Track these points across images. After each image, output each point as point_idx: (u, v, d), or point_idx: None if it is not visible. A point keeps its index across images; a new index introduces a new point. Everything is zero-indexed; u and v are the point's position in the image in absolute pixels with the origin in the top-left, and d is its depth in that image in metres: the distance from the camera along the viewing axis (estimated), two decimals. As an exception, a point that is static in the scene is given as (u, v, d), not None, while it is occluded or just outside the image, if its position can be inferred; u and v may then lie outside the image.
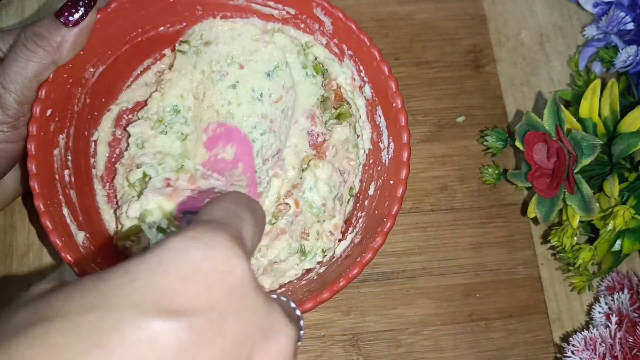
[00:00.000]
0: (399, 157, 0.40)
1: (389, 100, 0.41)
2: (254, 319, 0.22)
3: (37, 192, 0.37)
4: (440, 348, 0.46)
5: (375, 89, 0.43)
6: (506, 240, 0.49)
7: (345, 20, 0.41)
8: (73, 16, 0.37)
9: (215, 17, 0.45)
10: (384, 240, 0.38)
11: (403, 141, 0.40)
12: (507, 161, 0.51)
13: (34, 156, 0.37)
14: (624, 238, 0.45)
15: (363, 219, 0.43)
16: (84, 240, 0.39)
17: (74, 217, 0.40)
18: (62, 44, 0.37)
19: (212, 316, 0.21)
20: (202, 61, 0.45)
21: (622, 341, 0.42)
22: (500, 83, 0.53)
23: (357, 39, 0.42)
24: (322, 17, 0.42)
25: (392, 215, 0.39)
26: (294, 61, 0.46)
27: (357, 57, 0.43)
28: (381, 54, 0.41)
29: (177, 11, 0.44)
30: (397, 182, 0.40)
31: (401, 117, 0.40)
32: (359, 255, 0.39)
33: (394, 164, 0.41)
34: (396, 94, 0.41)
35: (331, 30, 0.43)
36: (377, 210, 0.41)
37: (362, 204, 0.44)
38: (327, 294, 0.37)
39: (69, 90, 0.40)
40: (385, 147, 0.43)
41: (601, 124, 0.47)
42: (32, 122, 0.37)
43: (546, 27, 0.55)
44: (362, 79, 0.43)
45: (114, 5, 0.40)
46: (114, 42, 0.42)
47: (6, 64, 0.36)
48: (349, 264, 0.39)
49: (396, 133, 0.41)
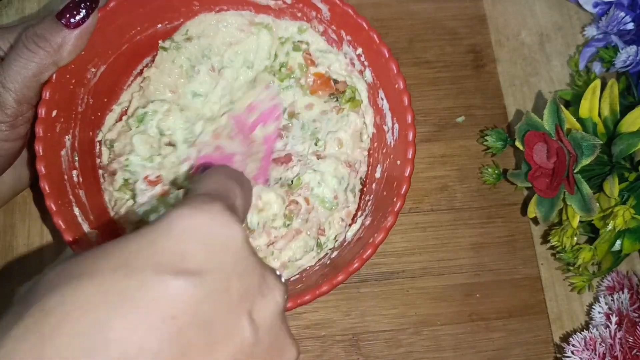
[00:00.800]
0: (405, 137, 0.40)
1: (391, 82, 0.41)
2: (253, 279, 0.25)
3: (47, 192, 0.37)
4: (440, 348, 0.46)
5: (376, 72, 0.43)
6: (506, 240, 0.49)
7: (342, 5, 0.41)
8: (74, 18, 0.37)
9: (211, 11, 0.45)
10: (395, 219, 0.38)
11: (407, 121, 0.40)
12: (507, 161, 0.51)
13: (42, 157, 0.37)
14: (624, 238, 0.45)
15: (372, 201, 0.43)
16: (97, 239, 0.40)
17: (85, 217, 0.40)
18: (63, 45, 0.37)
19: (220, 276, 0.24)
20: (181, 57, 0.46)
21: (622, 341, 0.42)
22: (500, 83, 0.53)
23: (354, 24, 0.41)
24: (318, 4, 0.42)
25: (402, 194, 0.39)
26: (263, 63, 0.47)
27: (356, 42, 0.43)
28: (380, 37, 0.41)
29: (174, 7, 0.44)
30: (404, 161, 0.40)
31: (404, 97, 0.40)
32: (371, 236, 0.39)
33: (400, 144, 0.41)
34: (398, 75, 0.40)
35: (329, 17, 0.43)
36: (386, 192, 0.41)
37: (369, 187, 0.44)
38: (342, 276, 0.37)
39: (73, 91, 0.40)
40: (390, 129, 0.43)
41: (601, 124, 0.47)
42: (38, 123, 0.37)
43: (546, 27, 0.55)
44: (362, 63, 0.43)
45: (113, 4, 0.40)
46: (114, 41, 0.42)
47: (6, 63, 0.37)
48: (362, 245, 0.39)
49: (400, 114, 0.41)
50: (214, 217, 0.25)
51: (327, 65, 0.46)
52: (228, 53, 0.46)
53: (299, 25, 0.45)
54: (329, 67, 0.46)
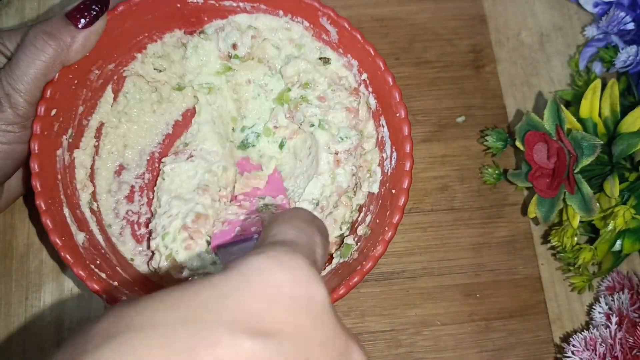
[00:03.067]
0: (402, 167, 0.40)
1: (392, 110, 0.41)
2: (335, 348, 0.22)
3: (38, 190, 0.37)
4: (440, 348, 0.46)
5: (379, 99, 0.43)
6: (506, 241, 0.49)
7: (350, 30, 0.41)
8: (85, 19, 0.37)
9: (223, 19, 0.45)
10: (385, 249, 0.38)
11: (406, 151, 0.40)
12: (507, 161, 0.51)
13: (36, 155, 0.37)
14: (624, 238, 0.45)
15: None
16: (84, 241, 0.39)
17: (74, 218, 0.40)
18: (72, 44, 0.37)
19: (299, 341, 0.21)
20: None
21: (622, 341, 0.42)
22: (501, 83, 0.53)
23: (362, 49, 0.42)
24: (327, 27, 0.42)
25: (394, 224, 0.39)
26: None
27: (361, 67, 0.43)
28: (386, 64, 0.41)
29: (184, 16, 0.44)
30: (399, 191, 0.40)
31: (404, 127, 0.40)
32: (359, 264, 0.38)
33: (397, 174, 0.41)
34: (400, 104, 0.41)
35: (336, 40, 0.43)
36: (379, 219, 0.41)
37: (365, 212, 0.44)
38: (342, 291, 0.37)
39: (74, 92, 0.40)
40: (388, 156, 0.43)
41: (601, 124, 0.47)
42: (36, 121, 0.37)
43: (546, 27, 0.54)
44: (367, 89, 0.44)
45: (122, 8, 0.40)
46: (121, 44, 0.42)
47: (14, 62, 0.36)
48: (349, 272, 0.38)
49: (399, 143, 0.41)
50: (297, 274, 0.22)
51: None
52: None
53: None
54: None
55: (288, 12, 0.43)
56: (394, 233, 0.39)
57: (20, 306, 0.44)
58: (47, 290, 0.45)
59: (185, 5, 0.43)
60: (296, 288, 0.22)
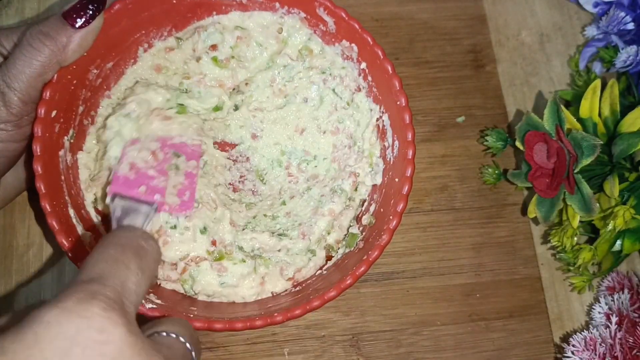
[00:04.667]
0: (404, 155, 0.40)
1: (392, 98, 0.41)
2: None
3: (43, 192, 0.37)
4: (440, 348, 0.46)
5: (379, 88, 0.43)
6: (506, 241, 0.49)
7: (348, 19, 0.41)
8: (81, 19, 0.37)
9: (219, 15, 0.45)
10: (390, 237, 0.39)
11: (408, 139, 0.40)
12: (507, 161, 0.51)
13: (39, 157, 0.37)
14: (624, 238, 0.45)
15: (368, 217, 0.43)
16: (90, 241, 0.40)
17: (79, 218, 0.40)
18: (68, 44, 0.37)
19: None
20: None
21: (622, 341, 0.42)
22: (500, 83, 0.53)
23: (360, 38, 0.42)
24: (325, 17, 0.42)
25: (398, 212, 0.39)
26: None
27: (360, 56, 0.43)
28: (384, 53, 0.41)
29: (180, 13, 0.44)
30: (402, 179, 0.40)
31: (405, 115, 0.41)
32: (365, 253, 0.39)
33: (399, 162, 0.41)
34: (400, 92, 0.41)
35: (334, 30, 0.43)
36: (383, 209, 0.41)
37: (369, 202, 0.44)
38: (334, 293, 0.37)
39: (73, 92, 0.40)
40: (390, 145, 0.43)
41: (601, 124, 0.47)
42: (37, 123, 0.37)
43: (546, 27, 0.54)
44: (366, 79, 0.44)
45: (118, 7, 0.40)
46: (118, 43, 0.42)
47: (10, 61, 0.36)
48: (356, 262, 0.39)
49: (401, 131, 0.41)
50: (90, 323, 0.22)
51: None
52: None
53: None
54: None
55: (285, 4, 0.43)
56: (399, 221, 0.39)
57: (20, 306, 0.44)
58: (48, 290, 0.45)
59: (182, 1, 0.43)
60: (88, 336, 0.22)
